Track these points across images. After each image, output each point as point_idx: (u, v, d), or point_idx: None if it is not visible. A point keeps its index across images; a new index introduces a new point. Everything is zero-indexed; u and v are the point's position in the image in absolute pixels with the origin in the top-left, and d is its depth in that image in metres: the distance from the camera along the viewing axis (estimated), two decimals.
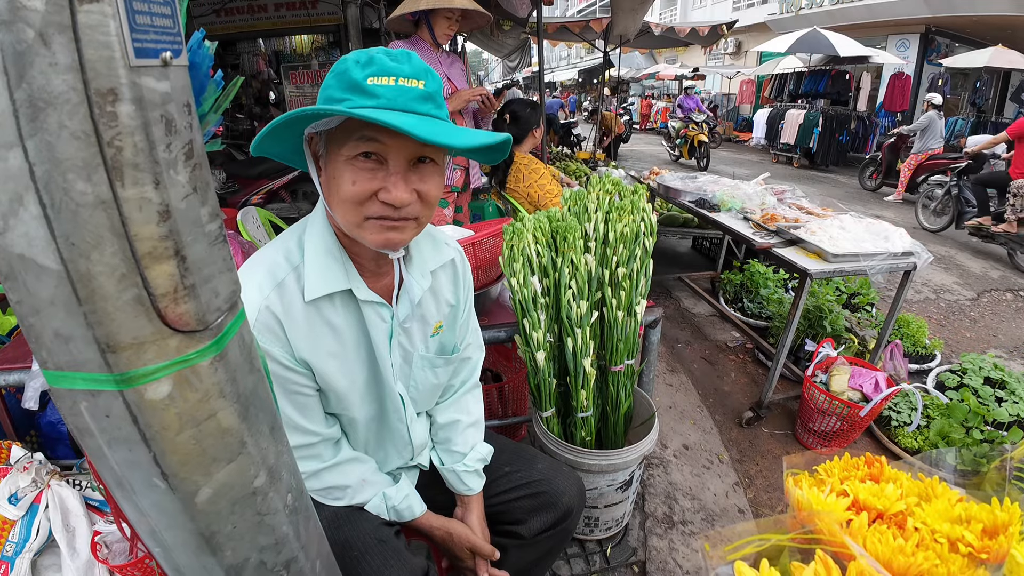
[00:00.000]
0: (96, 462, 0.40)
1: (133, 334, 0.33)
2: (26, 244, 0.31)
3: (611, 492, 1.59)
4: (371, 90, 0.74)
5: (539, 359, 1.40)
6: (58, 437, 2.02)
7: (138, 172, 0.31)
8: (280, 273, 0.87)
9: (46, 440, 2.00)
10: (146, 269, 0.33)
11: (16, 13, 0.29)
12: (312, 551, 0.55)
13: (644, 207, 1.46)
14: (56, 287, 0.32)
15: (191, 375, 0.37)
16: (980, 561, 0.49)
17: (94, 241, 0.31)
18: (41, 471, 1.64)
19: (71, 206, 0.30)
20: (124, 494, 0.41)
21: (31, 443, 1.97)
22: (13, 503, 1.60)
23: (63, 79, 0.29)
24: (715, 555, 0.46)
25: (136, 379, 0.35)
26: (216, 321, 0.37)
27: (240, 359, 0.41)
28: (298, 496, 0.51)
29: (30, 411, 2.06)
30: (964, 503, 0.54)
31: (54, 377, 0.36)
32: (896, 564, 0.45)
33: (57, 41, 0.29)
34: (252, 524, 0.45)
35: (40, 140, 0.29)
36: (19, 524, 1.61)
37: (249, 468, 0.43)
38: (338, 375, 0.93)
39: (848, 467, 0.58)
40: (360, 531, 0.97)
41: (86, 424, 0.37)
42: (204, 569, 0.46)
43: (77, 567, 1.60)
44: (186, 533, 0.43)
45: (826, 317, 2.99)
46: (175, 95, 0.34)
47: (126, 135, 0.31)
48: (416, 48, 2.43)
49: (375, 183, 0.78)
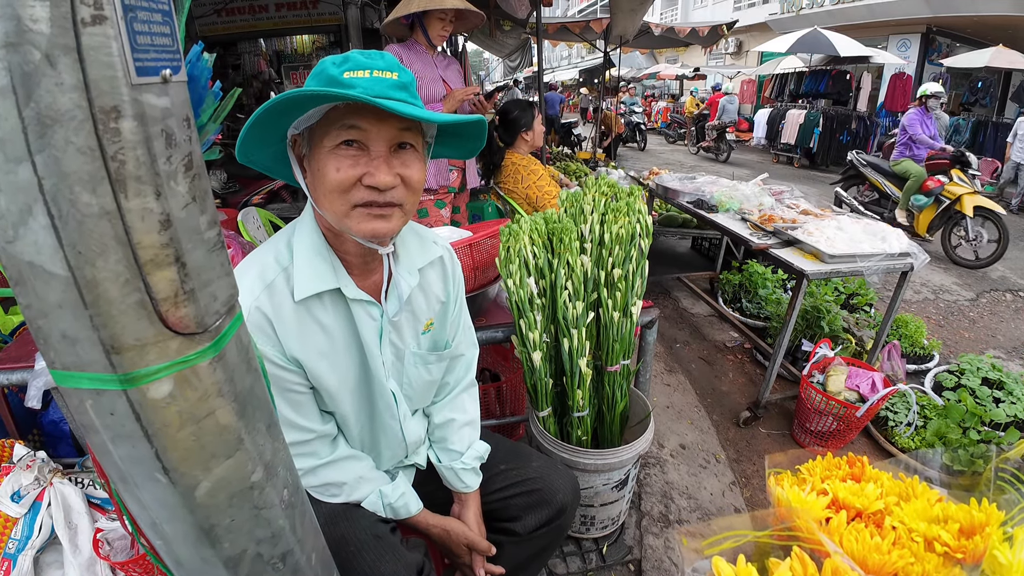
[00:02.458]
0: (101, 458, 0.42)
1: (136, 336, 0.35)
2: (35, 252, 0.33)
3: (607, 491, 1.61)
4: (348, 82, 0.78)
5: (535, 359, 1.42)
6: (60, 435, 2.04)
7: (140, 184, 0.33)
8: (270, 274, 0.89)
9: (48, 438, 2.02)
10: (148, 275, 0.34)
11: (23, 36, 0.31)
12: (308, 545, 0.57)
13: (640, 209, 1.47)
14: (63, 292, 0.34)
15: (191, 375, 0.39)
16: (956, 560, 0.51)
17: (99, 249, 0.33)
18: (44, 469, 1.66)
19: (77, 216, 0.32)
20: (127, 488, 0.43)
21: (33, 441, 1.99)
22: (16, 501, 1.62)
23: (69, 98, 0.31)
24: (693, 549, 0.47)
25: (139, 379, 0.36)
26: (215, 324, 0.39)
27: (237, 360, 0.43)
28: (294, 491, 0.53)
29: (32, 410, 2.07)
30: (943, 503, 0.55)
31: (61, 377, 0.38)
32: (871, 562, 0.46)
33: (63, 62, 0.31)
34: (249, 517, 0.47)
35: (48, 155, 0.31)
36: (21, 522, 1.63)
37: (246, 463, 0.45)
38: (328, 373, 0.95)
39: (830, 467, 0.60)
40: (356, 527, 0.98)
41: (91, 421, 0.39)
42: (203, 561, 0.48)
43: (79, 564, 1.62)
44: (186, 526, 0.45)
45: (824, 318, 3.01)
46: (175, 110, 0.36)
47: (128, 149, 0.33)
48: (412, 52, 2.44)
49: (359, 169, 0.81)
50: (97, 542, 1.55)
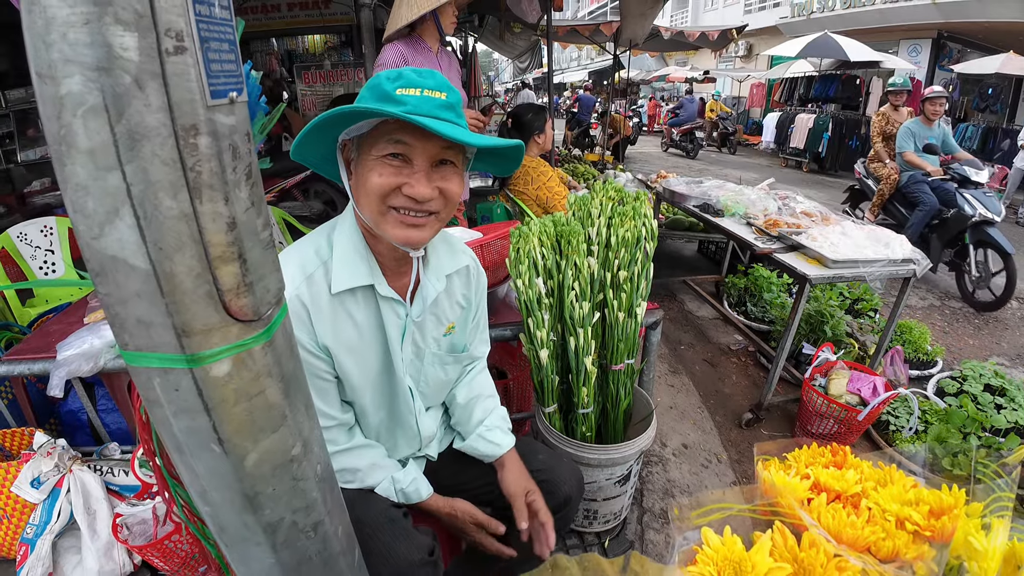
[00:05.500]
0: (161, 429, 0.48)
1: (204, 322, 0.41)
2: (119, 247, 0.39)
3: (610, 486, 1.66)
4: (400, 98, 0.84)
5: (543, 357, 1.47)
6: (78, 425, 2.08)
7: (212, 191, 0.39)
8: (310, 267, 0.96)
9: (66, 428, 2.06)
10: (216, 269, 0.40)
11: (114, 61, 0.36)
12: (336, 518, 0.63)
13: (646, 213, 1.52)
14: (143, 283, 0.39)
15: (247, 357, 0.44)
16: (925, 538, 0.56)
17: (177, 246, 0.38)
18: (64, 456, 1.72)
19: (160, 218, 0.38)
20: (182, 458, 0.49)
21: (51, 430, 2.03)
22: (36, 487, 1.68)
23: (155, 117, 0.37)
24: (684, 519, 0.52)
25: (203, 359, 0.42)
26: (267, 313, 0.45)
27: (284, 346, 0.49)
28: (326, 467, 0.59)
29: (50, 400, 2.13)
30: (917, 488, 0.60)
31: (132, 357, 0.44)
32: (845, 536, 0.51)
33: (150, 86, 0.37)
34: (288, 487, 0.53)
35: (136, 165, 0.37)
36: (40, 507, 1.69)
37: (288, 438, 0.51)
38: (353, 365, 1.01)
39: (815, 455, 0.65)
40: (371, 511, 1.04)
41: (157, 396, 0.45)
42: (245, 526, 0.54)
43: (97, 548, 1.68)
44: (233, 493, 0.50)
45: (827, 322, 3.04)
46: (239, 127, 0.41)
47: (204, 161, 0.38)
48: (416, 50, 2.45)
49: (400, 178, 0.88)
50: (116, 526, 1.61)
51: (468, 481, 1.25)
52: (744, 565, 0.47)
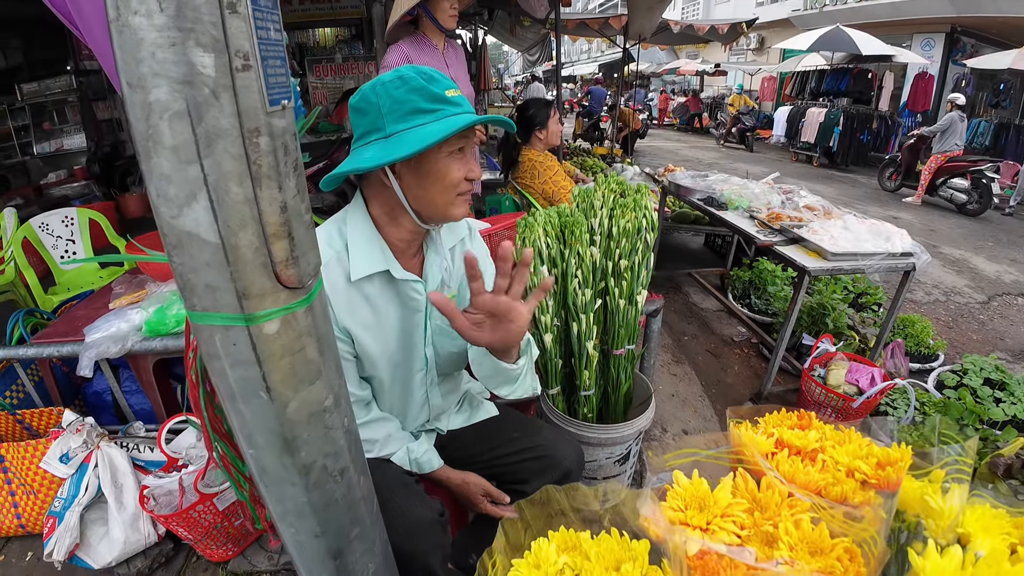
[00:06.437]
0: (217, 380, 0.57)
1: (259, 288, 0.50)
2: (195, 225, 0.48)
3: (610, 464, 1.75)
4: (453, 100, 0.97)
5: (547, 341, 1.56)
6: (103, 405, 2.16)
7: (269, 180, 0.48)
8: (324, 256, 1.05)
9: (91, 409, 2.13)
10: (271, 244, 0.49)
11: (196, 77, 0.45)
12: (359, 467, 0.72)
13: (646, 205, 1.60)
14: (213, 254, 0.48)
15: (291, 319, 0.54)
16: (872, 487, 0.64)
17: (241, 224, 0.47)
18: (92, 433, 1.82)
19: (229, 202, 0.47)
20: (234, 405, 0.58)
21: (77, 412, 2.15)
22: (64, 462, 1.78)
23: (228, 121, 0.46)
24: (657, 462, 0.61)
25: (258, 319, 0.51)
26: (308, 282, 0.54)
27: (319, 312, 0.58)
28: (351, 421, 0.68)
29: (76, 382, 2.23)
30: (870, 446, 0.68)
31: (199, 316, 0.53)
32: (798, 480, 0.59)
33: (224, 96, 0.45)
34: (321, 434, 0.62)
35: (212, 160, 0.46)
36: (68, 482, 1.79)
37: (322, 390, 0.60)
38: (372, 343, 1.11)
39: (783, 419, 0.73)
40: (388, 477, 1.14)
41: (217, 351, 0.54)
42: (283, 467, 0.63)
43: (124, 519, 1.78)
44: (275, 436, 0.60)
45: (829, 314, 3.09)
46: (288, 128, 0.50)
47: (264, 156, 0.47)
48: (420, 48, 2.49)
49: (465, 168, 1.02)
50: (143, 497, 1.72)
51: (476, 455, 1.34)
52: (707, 500, 0.56)
